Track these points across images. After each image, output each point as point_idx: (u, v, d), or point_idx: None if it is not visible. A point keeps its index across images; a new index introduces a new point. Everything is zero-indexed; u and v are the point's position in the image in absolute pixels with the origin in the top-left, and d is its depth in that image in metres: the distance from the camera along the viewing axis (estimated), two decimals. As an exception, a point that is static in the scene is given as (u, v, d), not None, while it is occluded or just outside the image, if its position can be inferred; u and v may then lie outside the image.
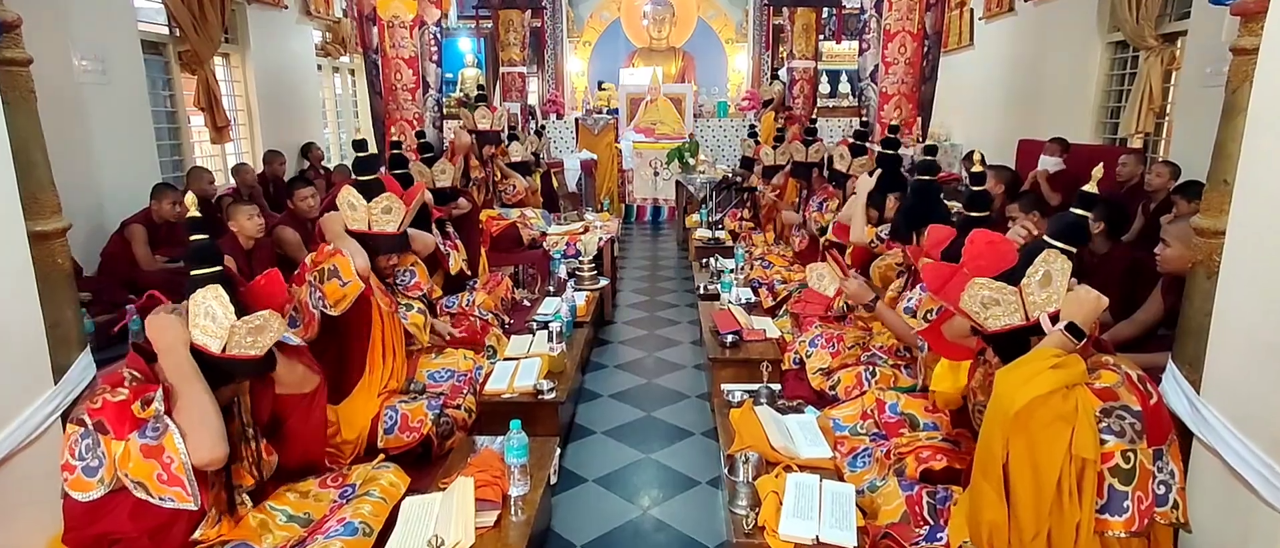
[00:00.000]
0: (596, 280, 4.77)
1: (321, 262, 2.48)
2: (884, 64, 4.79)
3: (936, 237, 2.61)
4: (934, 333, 2.06)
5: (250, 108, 7.75)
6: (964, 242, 2.38)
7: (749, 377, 3.47)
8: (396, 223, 2.69)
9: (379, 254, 2.72)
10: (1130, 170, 5.76)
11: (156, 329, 1.78)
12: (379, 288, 2.65)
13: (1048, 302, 1.59)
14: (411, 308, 2.85)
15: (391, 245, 2.73)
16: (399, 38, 4.72)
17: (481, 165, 5.10)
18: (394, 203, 2.65)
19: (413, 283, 2.94)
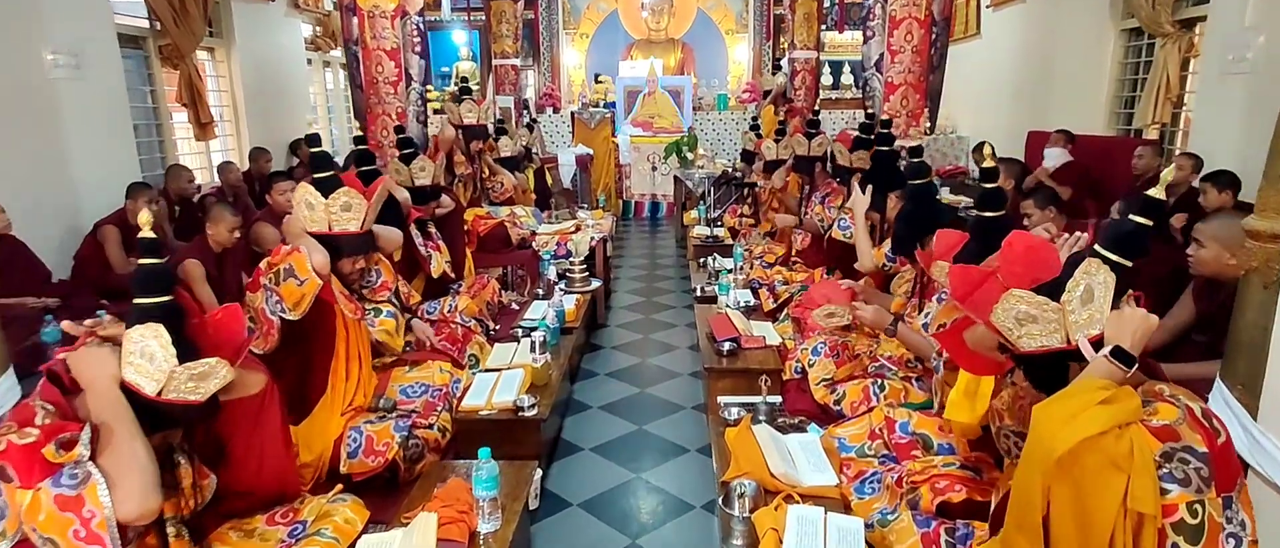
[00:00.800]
0: (588, 282, 4.54)
1: (277, 262, 2.26)
2: (890, 53, 4.55)
3: (946, 242, 2.38)
4: (954, 340, 1.83)
5: (236, 104, 7.53)
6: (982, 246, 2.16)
7: (748, 388, 3.24)
8: (359, 221, 2.47)
9: (342, 257, 2.49)
10: (1147, 163, 5.52)
11: (82, 363, 1.55)
12: (342, 294, 2.42)
13: (1089, 322, 1.36)
14: (380, 313, 2.63)
15: (355, 246, 2.51)
16: (380, 29, 4.49)
17: (468, 161, 4.86)
18: (354, 199, 2.43)
19: (380, 283, 2.71)
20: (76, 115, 5.03)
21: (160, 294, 1.61)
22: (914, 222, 2.88)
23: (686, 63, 11.74)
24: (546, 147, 9.25)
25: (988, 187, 2.22)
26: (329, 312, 2.44)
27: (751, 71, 11.59)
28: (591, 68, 11.62)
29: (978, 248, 2.17)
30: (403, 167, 3.90)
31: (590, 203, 7.54)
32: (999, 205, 2.21)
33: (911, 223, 2.89)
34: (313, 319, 2.40)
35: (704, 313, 3.98)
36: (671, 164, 8.36)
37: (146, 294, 1.60)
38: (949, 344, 1.84)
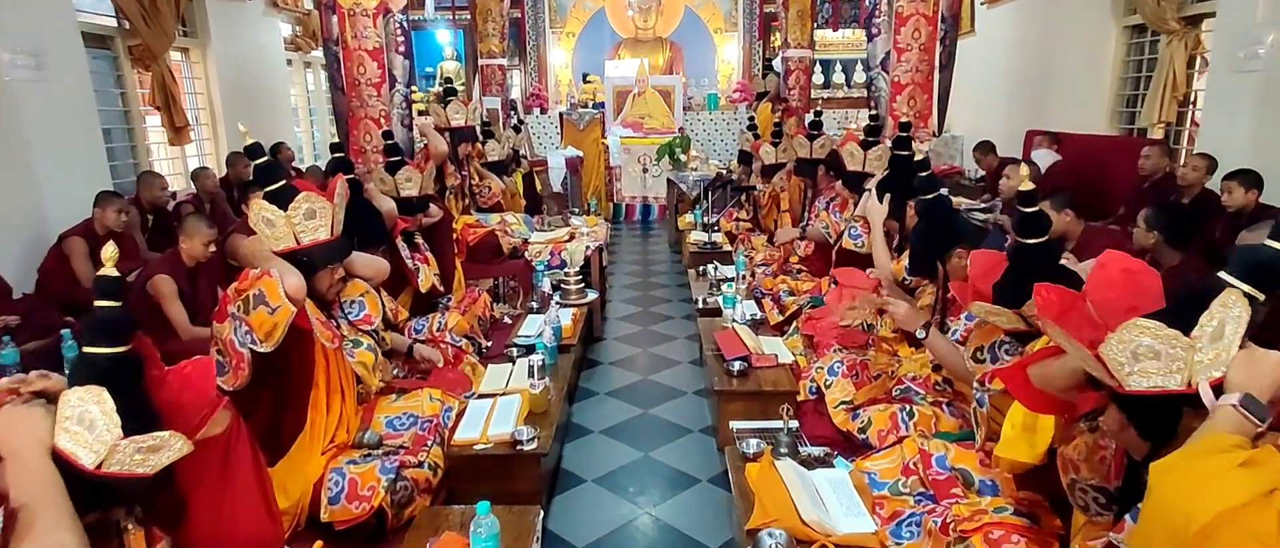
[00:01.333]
0: (584, 294, 4.32)
1: (245, 288, 2.02)
2: (896, 51, 4.35)
3: (983, 265, 2.18)
4: (1016, 377, 1.63)
5: (212, 106, 7.24)
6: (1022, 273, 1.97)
7: (761, 411, 3.04)
8: (328, 226, 2.24)
9: (319, 269, 2.26)
10: (1155, 163, 5.37)
11: (4, 427, 1.27)
12: (319, 320, 2.19)
13: (1214, 363, 1.16)
14: (359, 344, 2.39)
15: (332, 253, 2.28)
16: (361, 28, 4.24)
17: (457, 169, 4.62)
18: (317, 203, 2.20)
19: (362, 316, 2.47)
20: (39, 119, 4.75)
21: (115, 343, 1.37)
22: (931, 240, 2.67)
23: (675, 62, 11.54)
24: (535, 149, 9.00)
25: (1028, 211, 2.01)
26: (306, 339, 2.21)
27: (741, 71, 11.40)
28: (578, 67, 11.38)
29: (1018, 276, 1.98)
30: (387, 176, 3.67)
31: (581, 206, 7.31)
32: (1042, 231, 2.01)
33: (928, 241, 2.68)
34: (287, 349, 2.17)
35: (708, 327, 3.78)
36: (664, 166, 8.14)
37: (98, 342, 1.36)
38: (1012, 381, 1.64)
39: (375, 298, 2.52)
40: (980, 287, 2.08)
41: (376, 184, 3.68)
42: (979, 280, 2.11)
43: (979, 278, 2.12)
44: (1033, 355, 1.64)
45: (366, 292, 2.52)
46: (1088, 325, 1.38)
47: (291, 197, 2.19)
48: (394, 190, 3.69)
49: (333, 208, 2.25)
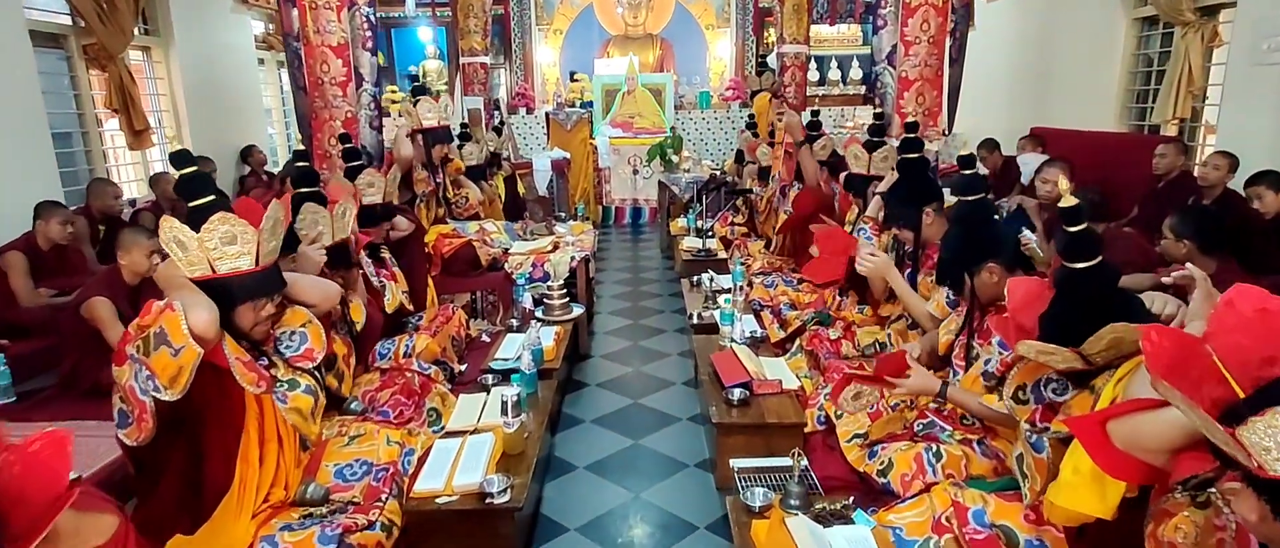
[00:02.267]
0: (568, 309, 3.98)
1: (147, 323, 1.68)
2: (903, 44, 4.03)
3: (1022, 295, 1.85)
4: (1093, 433, 1.31)
5: (176, 108, 6.88)
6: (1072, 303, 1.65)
7: (764, 445, 2.71)
8: (251, 254, 1.89)
9: (238, 304, 1.92)
10: (1170, 162, 5.06)
11: None
12: (241, 361, 1.83)
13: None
14: (296, 386, 2.04)
15: (252, 287, 1.93)
16: (324, 22, 3.89)
17: (430, 174, 4.27)
18: (236, 226, 1.85)
19: (302, 351, 2.12)
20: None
21: None
22: (963, 249, 2.37)
23: (665, 59, 11.20)
24: (519, 151, 8.65)
25: (1074, 230, 1.69)
26: (229, 378, 1.86)
27: (734, 67, 11.07)
28: (566, 65, 11.03)
29: (1069, 307, 1.66)
30: (346, 182, 3.32)
31: (568, 211, 6.96)
32: (1092, 252, 1.69)
33: (960, 251, 2.37)
34: (207, 390, 1.83)
35: (703, 347, 3.45)
36: (654, 167, 7.82)
37: None
38: (1088, 437, 1.31)
39: (318, 329, 2.17)
40: (1021, 320, 1.75)
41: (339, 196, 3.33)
42: (1019, 312, 1.79)
43: (1019, 309, 1.80)
44: (1116, 408, 1.31)
45: (309, 322, 2.17)
46: (1210, 379, 1.06)
47: (208, 214, 1.85)
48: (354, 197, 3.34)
49: (257, 234, 1.90)
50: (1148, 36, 6.24)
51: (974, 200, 2.43)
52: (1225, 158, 4.51)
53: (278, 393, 1.99)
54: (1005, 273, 2.32)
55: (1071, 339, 1.60)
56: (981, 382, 2.20)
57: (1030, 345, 1.62)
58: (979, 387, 2.20)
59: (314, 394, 2.08)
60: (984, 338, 2.37)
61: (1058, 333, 1.64)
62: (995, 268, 2.30)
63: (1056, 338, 1.64)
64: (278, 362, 2.07)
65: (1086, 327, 1.55)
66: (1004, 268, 2.32)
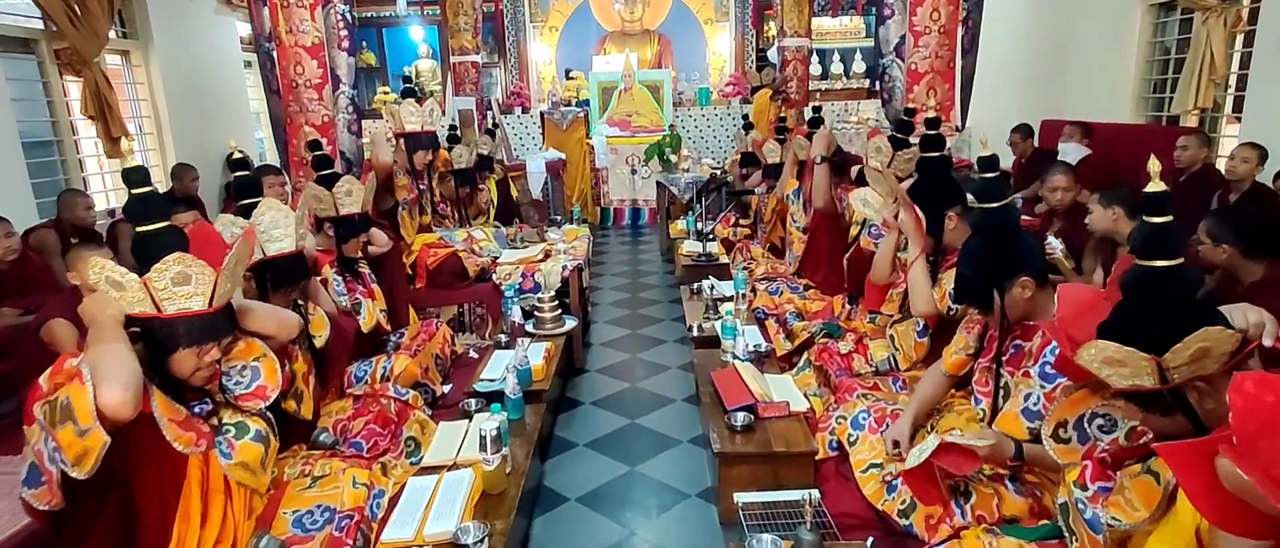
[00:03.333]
0: (561, 322, 3.74)
1: (59, 383, 1.45)
2: (913, 35, 3.78)
3: (1076, 301, 1.62)
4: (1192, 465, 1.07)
5: (158, 114, 6.64)
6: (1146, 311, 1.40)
7: (771, 476, 2.48)
8: (204, 296, 1.66)
9: (179, 348, 1.68)
10: (1193, 154, 4.82)
11: None
12: (172, 421, 1.60)
13: None
14: (245, 432, 1.79)
15: (201, 331, 1.70)
16: (297, 20, 3.66)
17: (413, 181, 4.03)
18: (194, 266, 1.62)
19: (254, 388, 1.88)
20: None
21: None
22: (991, 262, 2.11)
23: (663, 55, 10.96)
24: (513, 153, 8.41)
25: (1157, 222, 1.45)
26: (155, 441, 1.63)
27: (734, 62, 10.82)
28: (562, 63, 10.79)
29: (1138, 312, 1.39)
30: (324, 192, 3.08)
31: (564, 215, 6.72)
32: (1176, 250, 1.44)
33: (987, 264, 2.12)
34: (143, 443, 1.60)
35: (704, 363, 3.21)
36: (653, 168, 7.57)
37: None
38: (1185, 471, 1.07)
39: (273, 364, 1.93)
40: (1073, 331, 1.51)
41: (311, 202, 3.10)
42: (1071, 323, 1.54)
43: (1071, 319, 1.55)
44: (1223, 440, 1.05)
45: (263, 355, 1.93)
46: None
47: (162, 249, 1.62)
48: (332, 207, 3.11)
49: (216, 276, 1.66)
50: (1164, 23, 5.99)
51: (998, 207, 2.17)
52: (1254, 150, 4.27)
53: (220, 445, 1.74)
54: (1037, 287, 2.08)
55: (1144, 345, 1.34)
56: (1023, 422, 1.95)
57: (1097, 350, 1.35)
58: (1021, 428, 1.95)
59: (265, 441, 1.83)
60: (1015, 366, 2.13)
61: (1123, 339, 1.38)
62: (1028, 282, 2.05)
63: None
64: (224, 402, 1.83)
65: (1159, 338, 1.30)
66: (1036, 281, 2.08)
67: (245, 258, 1.77)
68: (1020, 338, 2.16)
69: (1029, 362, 2.07)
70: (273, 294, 2.37)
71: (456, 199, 4.76)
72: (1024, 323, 2.14)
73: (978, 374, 2.31)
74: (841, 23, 10.21)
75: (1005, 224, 2.14)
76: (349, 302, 2.96)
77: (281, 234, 2.31)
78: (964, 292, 2.21)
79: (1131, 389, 1.33)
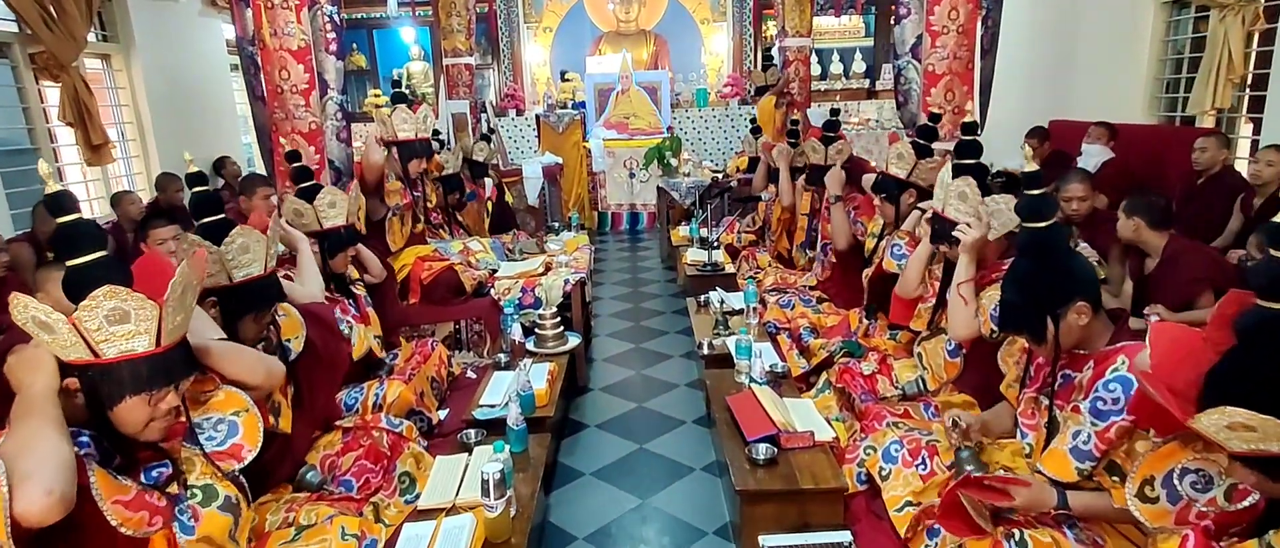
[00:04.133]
0: (563, 340, 3.54)
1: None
2: (930, 35, 3.60)
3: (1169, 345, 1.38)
4: None
5: (140, 120, 6.44)
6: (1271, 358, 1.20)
7: (798, 514, 2.29)
8: (149, 334, 1.45)
9: (125, 397, 1.47)
10: (1212, 156, 4.66)
11: None
12: (117, 502, 1.36)
13: None
14: (212, 499, 1.58)
15: (150, 376, 1.46)
16: (282, 23, 3.45)
17: (408, 188, 3.83)
18: (131, 301, 1.42)
19: (229, 446, 1.67)
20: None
21: None
22: (1041, 287, 1.89)
23: (659, 56, 10.77)
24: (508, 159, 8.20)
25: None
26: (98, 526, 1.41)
27: (731, 63, 10.63)
28: (557, 64, 10.58)
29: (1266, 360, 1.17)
30: (304, 205, 2.88)
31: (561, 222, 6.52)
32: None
33: (1037, 289, 1.90)
34: (90, 528, 1.38)
35: (718, 384, 3.01)
36: (652, 171, 7.37)
37: None
38: None
39: (255, 421, 1.71)
40: (1173, 380, 1.31)
41: (291, 216, 2.90)
42: (1169, 371, 1.33)
43: (1168, 366, 1.34)
44: None
45: (246, 410, 1.72)
46: None
47: (92, 281, 1.41)
48: (315, 221, 2.91)
49: (158, 308, 1.46)
50: (1177, 21, 5.83)
51: (1047, 227, 1.97)
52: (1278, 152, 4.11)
53: (181, 516, 1.53)
54: (1093, 313, 1.89)
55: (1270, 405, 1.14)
56: (1072, 462, 1.76)
57: (1221, 416, 1.14)
58: (1068, 469, 1.76)
59: (234, 510, 1.61)
60: (1062, 398, 1.94)
61: (1244, 397, 1.18)
62: (1084, 307, 1.86)
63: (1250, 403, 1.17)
64: (192, 459, 1.61)
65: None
66: (1092, 306, 1.88)
67: (194, 285, 1.55)
68: (1068, 368, 1.97)
69: (1079, 396, 1.88)
70: (242, 320, 2.15)
71: (445, 206, 4.56)
72: (1073, 352, 1.95)
73: (1022, 405, 2.13)
74: (841, 22, 10.04)
75: (1055, 244, 1.94)
76: (347, 324, 2.76)
77: (251, 259, 2.10)
78: (1012, 320, 2.01)
79: (1252, 453, 1.14)
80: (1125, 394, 1.70)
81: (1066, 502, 1.73)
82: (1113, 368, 1.77)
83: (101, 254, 1.51)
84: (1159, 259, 3.23)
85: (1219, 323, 1.26)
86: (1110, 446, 1.68)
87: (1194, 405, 1.24)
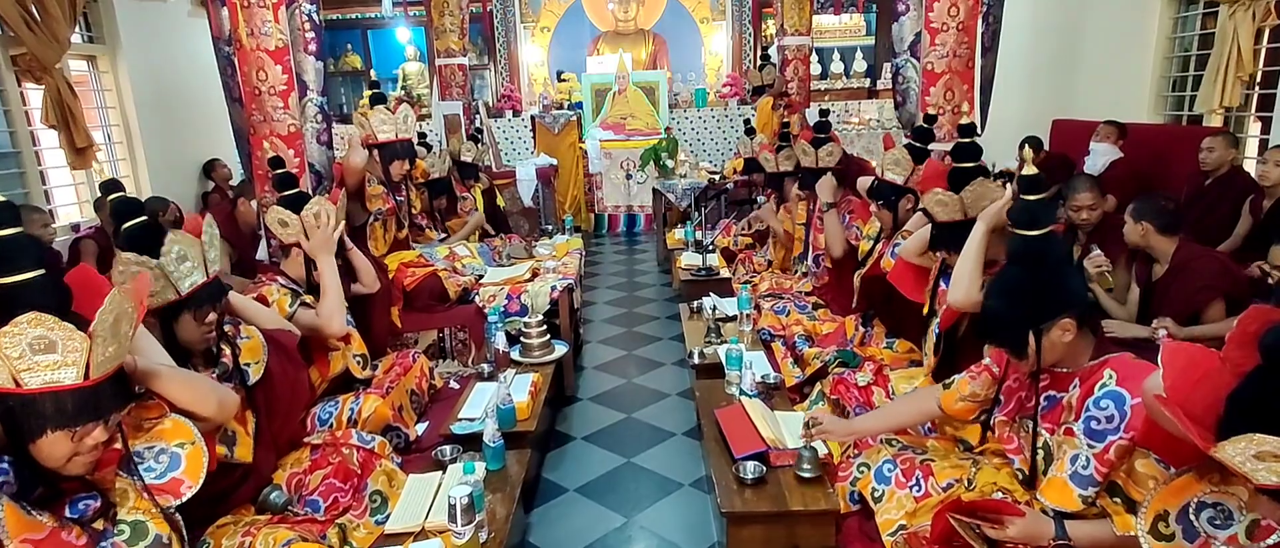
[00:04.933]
0: (549, 348, 3.43)
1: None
2: (929, 33, 3.48)
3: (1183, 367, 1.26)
4: None
5: (127, 122, 6.34)
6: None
7: (787, 537, 2.17)
8: (78, 367, 1.32)
9: (47, 429, 1.33)
10: (1220, 156, 4.54)
11: None
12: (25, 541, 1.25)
13: None
14: (141, 536, 1.43)
15: (75, 411, 1.34)
16: (259, 22, 3.34)
17: (390, 192, 3.72)
18: (57, 332, 1.30)
19: (168, 480, 1.54)
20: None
21: None
22: (1033, 299, 1.76)
23: (658, 56, 10.64)
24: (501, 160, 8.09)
25: None
26: None
27: (731, 62, 10.51)
28: (555, 64, 10.47)
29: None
30: (290, 216, 2.76)
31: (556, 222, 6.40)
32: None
33: (1024, 301, 1.77)
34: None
35: (707, 395, 2.89)
36: (649, 173, 7.25)
37: None
38: None
39: (200, 454, 1.59)
40: (1190, 405, 1.18)
41: (275, 227, 2.78)
42: (1184, 395, 1.20)
43: (1183, 389, 1.21)
44: None
45: (191, 442, 1.60)
46: None
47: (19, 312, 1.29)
48: (300, 231, 2.79)
49: (85, 340, 1.34)
50: (1184, 18, 5.70)
51: (1041, 235, 1.84)
52: (1288, 152, 3.99)
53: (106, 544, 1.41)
54: (1078, 329, 1.76)
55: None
56: (1074, 490, 1.63)
57: (1248, 444, 1.02)
58: (1072, 497, 1.64)
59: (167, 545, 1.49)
60: (1051, 421, 1.82)
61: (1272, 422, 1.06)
62: (1070, 324, 1.73)
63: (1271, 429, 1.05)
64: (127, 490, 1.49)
65: None
66: (1078, 322, 1.75)
67: (130, 314, 1.43)
68: (1052, 388, 1.84)
69: (1069, 417, 1.75)
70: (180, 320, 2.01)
71: (432, 210, 4.46)
72: (1054, 370, 1.83)
73: (1000, 431, 2.01)
74: (841, 21, 9.91)
75: (1049, 254, 1.82)
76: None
77: (191, 268, 1.97)
78: (992, 330, 1.89)
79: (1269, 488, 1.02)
80: (1119, 410, 1.59)
81: (1065, 533, 1.61)
82: (1101, 384, 1.66)
83: (35, 274, 1.39)
84: (1167, 266, 3.11)
85: (1240, 342, 1.14)
86: (1111, 467, 1.57)
87: (1213, 432, 1.12)
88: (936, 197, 2.39)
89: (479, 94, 9.17)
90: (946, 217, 2.42)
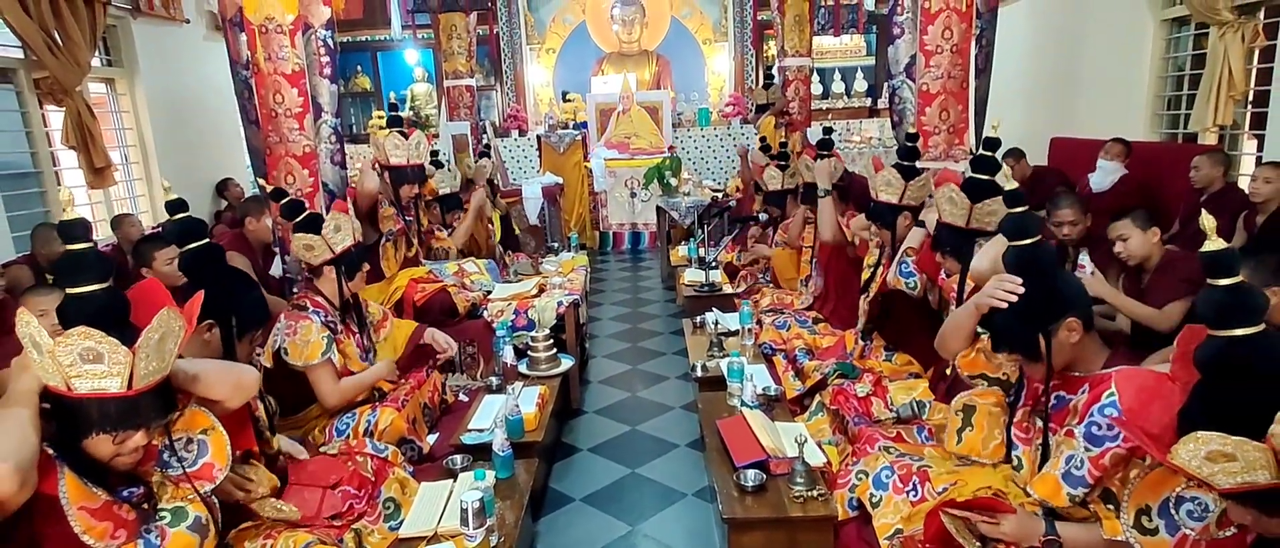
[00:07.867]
0: (556, 362, 3.52)
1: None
2: (924, 54, 3.59)
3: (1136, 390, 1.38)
4: None
5: (144, 143, 6.49)
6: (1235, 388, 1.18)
7: (787, 543, 2.25)
8: (121, 378, 1.44)
9: (92, 432, 1.46)
10: (1207, 174, 4.65)
11: None
12: (85, 513, 1.37)
13: None
14: (182, 518, 1.55)
15: (118, 417, 1.45)
16: (276, 47, 3.47)
17: (399, 213, 3.83)
18: (105, 344, 1.42)
19: (200, 466, 1.66)
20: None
21: None
22: (1031, 304, 1.88)
23: (662, 76, 10.79)
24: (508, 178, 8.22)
25: (1226, 282, 1.24)
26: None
27: (733, 83, 10.66)
28: (560, 85, 10.63)
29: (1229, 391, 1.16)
30: (314, 238, 2.86)
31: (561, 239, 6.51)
32: (1257, 313, 1.23)
33: (1027, 307, 1.88)
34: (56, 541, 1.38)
35: (710, 407, 2.98)
36: (653, 191, 7.37)
37: None
38: None
39: (223, 439, 1.71)
40: (1147, 425, 1.29)
41: (300, 252, 2.90)
42: (1140, 414, 1.32)
43: (1139, 410, 1.33)
44: None
45: (211, 428, 1.71)
46: None
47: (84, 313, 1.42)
48: (326, 250, 2.90)
49: (130, 356, 1.43)
50: (1178, 38, 5.82)
51: (1031, 244, 1.95)
52: (1276, 169, 4.08)
53: (148, 536, 1.52)
54: (1084, 331, 1.86)
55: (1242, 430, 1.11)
56: (1064, 488, 1.72)
57: (1197, 445, 1.11)
58: (1059, 493, 1.73)
59: (202, 530, 1.59)
60: (1056, 421, 1.91)
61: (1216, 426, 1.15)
62: (1075, 324, 1.83)
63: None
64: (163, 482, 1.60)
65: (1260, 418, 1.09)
66: (1083, 323, 1.85)
67: (177, 332, 1.54)
68: (1063, 390, 1.94)
69: (1073, 419, 1.84)
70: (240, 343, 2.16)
71: (444, 226, 4.57)
72: (1067, 373, 1.92)
73: (1019, 419, 2.09)
74: (842, 42, 10.05)
75: (1042, 260, 1.92)
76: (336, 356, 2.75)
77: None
78: (1004, 339, 1.99)
79: (1241, 489, 1.10)
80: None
81: (1055, 531, 1.69)
82: (1107, 393, 1.74)
83: (101, 286, 1.51)
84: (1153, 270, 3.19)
85: (1182, 361, 1.24)
86: (1104, 472, 1.64)
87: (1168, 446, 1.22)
88: (949, 193, 2.51)
89: (485, 114, 9.32)
90: (951, 216, 2.53)
